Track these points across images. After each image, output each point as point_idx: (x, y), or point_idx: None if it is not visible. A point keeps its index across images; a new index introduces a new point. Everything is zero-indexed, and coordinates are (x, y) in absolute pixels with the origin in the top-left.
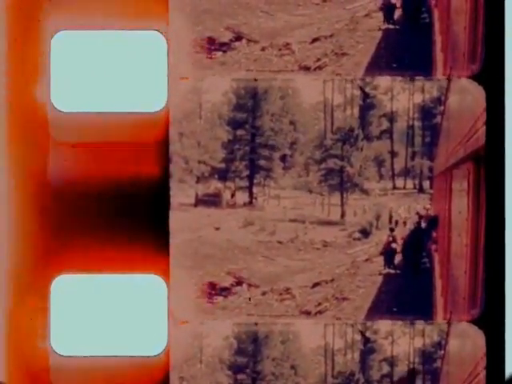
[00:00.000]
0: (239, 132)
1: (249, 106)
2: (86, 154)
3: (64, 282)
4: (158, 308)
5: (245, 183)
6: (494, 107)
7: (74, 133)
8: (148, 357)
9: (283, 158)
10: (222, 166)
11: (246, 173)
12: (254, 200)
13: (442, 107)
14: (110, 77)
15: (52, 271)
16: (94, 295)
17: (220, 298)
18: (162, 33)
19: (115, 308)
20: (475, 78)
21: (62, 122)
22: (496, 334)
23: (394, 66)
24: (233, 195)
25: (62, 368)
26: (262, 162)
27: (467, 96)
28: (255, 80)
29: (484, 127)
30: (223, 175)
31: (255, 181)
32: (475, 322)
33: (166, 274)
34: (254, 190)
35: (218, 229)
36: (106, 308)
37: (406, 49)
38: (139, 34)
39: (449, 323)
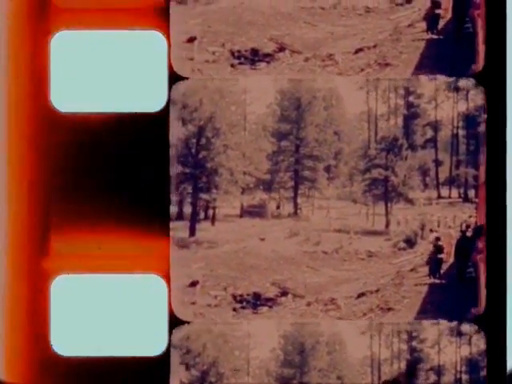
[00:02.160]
0: (284, 143)
1: (293, 117)
2: (86, 154)
3: (64, 282)
4: (157, 308)
5: (289, 194)
6: (495, 107)
7: (74, 133)
8: (148, 357)
9: (328, 169)
10: (267, 177)
11: (290, 184)
12: (298, 211)
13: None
14: (110, 77)
15: (52, 271)
16: (94, 295)
17: (265, 309)
18: (163, 33)
19: (115, 308)
20: (476, 77)
21: (62, 122)
22: (497, 333)
23: (438, 75)
24: (278, 206)
25: (62, 368)
26: (307, 173)
27: None
28: (298, 87)
29: None
30: (268, 186)
31: (300, 191)
32: (475, 320)
33: (166, 274)
34: (299, 200)
35: (263, 239)
36: (106, 308)
37: (449, 58)
38: (139, 34)
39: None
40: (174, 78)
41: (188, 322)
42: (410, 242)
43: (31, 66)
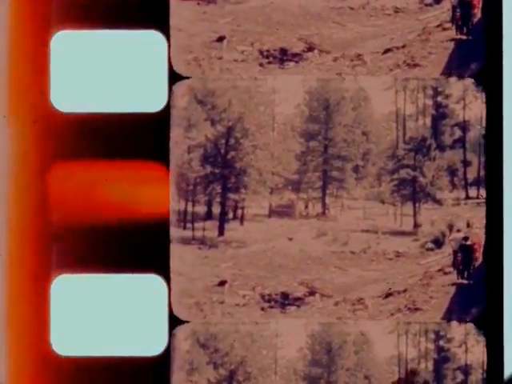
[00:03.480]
0: (312, 143)
1: (321, 117)
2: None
3: (64, 282)
4: (158, 308)
5: (318, 194)
6: (493, 107)
7: (74, 133)
8: (148, 357)
9: (356, 169)
10: (296, 177)
11: (318, 184)
12: (326, 211)
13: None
14: (110, 77)
15: (52, 271)
16: (94, 295)
17: (293, 308)
18: (164, 33)
19: (115, 308)
20: (475, 77)
21: (62, 122)
22: (495, 333)
23: (466, 75)
24: (306, 206)
25: (62, 368)
26: (335, 173)
27: None
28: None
29: None
30: (296, 186)
31: (328, 191)
32: (474, 321)
33: (165, 274)
34: (327, 200)
35: (291, 239)
36: (106, 308)
37: (477, 59)
38: (139, 34)
39: None
40: (174, 77)
41: (188, 322)
42: (438, 243)
43: (31, 66)
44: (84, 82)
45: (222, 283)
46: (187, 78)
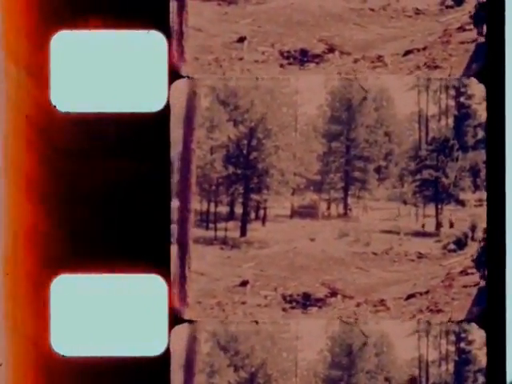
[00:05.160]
0: (334, 144)
1: (343, 118)
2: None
3: (64, 282)
4: (157, 308)
5: (340, 195)
6: (494, 105)
7: (74, 133)
8: (148, 357)
9: (378, 170)
10: (318, 177)
11: (340, 184)
12: (348, 211)
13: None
14: (110, 77)
15: (52, 271)
16: (94, 295)
17: (314, 309)
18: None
19: (115, 308)
20: (476, 76)
21: (62, 122)
22: (497, 332)
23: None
24: (328, 207)
25: (62, 368)
26: (357, 174)
27: None
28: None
29: None
30: (318, 187)
31: (350, 192)
32: (476, 320)
33: (165, 274)
34: (349, 201)
35: (313, 240)
36: (106, 308)
37: (498, 60)
38: (139, 34)
39: None
40: (174, 77)
41: (189, 321)
42: (461, 244)
43: (31, 66)
44: (84, 82)
45: (244, 283)
46: (187, 77)
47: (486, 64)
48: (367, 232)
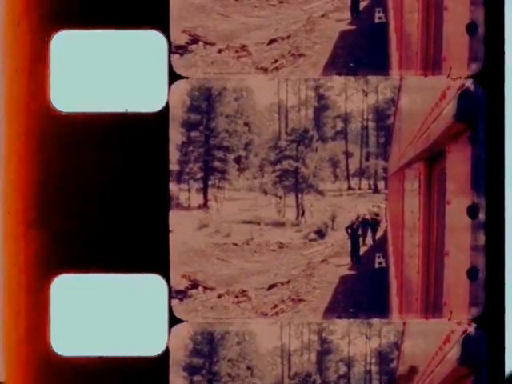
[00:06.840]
0: (193, 134)
1: (203, 107)
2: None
3: (64, 282)
4: (157, 308)
5: (199, 185)
6: (494, 107)
7: (74, 133)
8: (148, 357)
9: (238, 160)
10: (177, 168)
11: (200, 175)
12: (208, 202)
13: (395, 108)
14: (110, 77)
15: (52, 271)
16: (94, 295)
17: (175, 302)
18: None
19: (115, 308)
20: (475, 78)
21: (62, 122)
22: (496, 332)
23: (351, 66)
24: (187, 197)
25: (62, 368)
26: (217, 164)
27: (417, 95)
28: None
29: (433, 126)
30: (177, 177)
31: (210, 183)
32: (476, 320)
33: (166, 273)
34: (209, 191)
35: (172, 231)
36: (106, 308)
37: (361, 49)
38: (139, 33)
39: (404, 323)
40: (174, 77)
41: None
42: (321, 234)
43: (31, 66)
44: (84, 82)
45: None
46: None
47: (485, 66)
48: (227, 223)
